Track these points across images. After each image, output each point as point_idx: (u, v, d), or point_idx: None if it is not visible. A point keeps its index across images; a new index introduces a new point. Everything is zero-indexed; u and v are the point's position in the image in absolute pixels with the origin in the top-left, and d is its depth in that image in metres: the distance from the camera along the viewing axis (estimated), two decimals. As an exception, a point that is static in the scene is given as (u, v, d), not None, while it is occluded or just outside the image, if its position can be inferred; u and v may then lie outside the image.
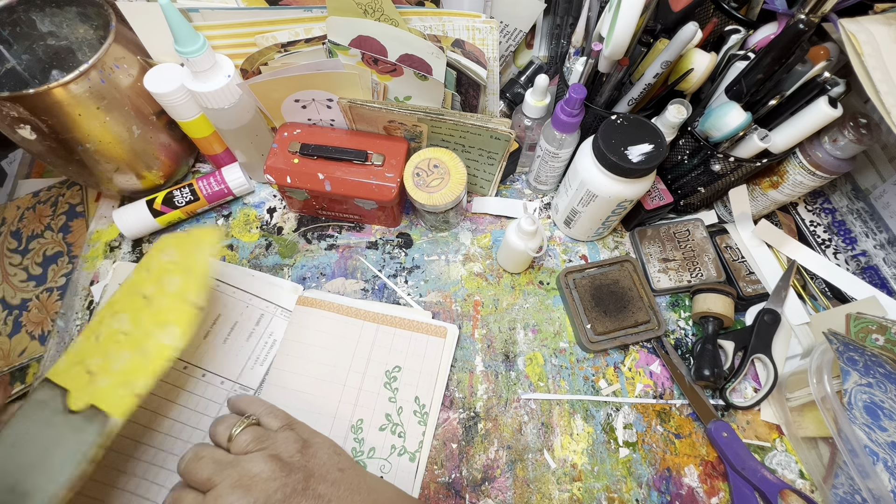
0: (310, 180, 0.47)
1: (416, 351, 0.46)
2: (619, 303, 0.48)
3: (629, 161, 0.40)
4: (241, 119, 0.47)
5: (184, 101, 0.46)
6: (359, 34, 0.43)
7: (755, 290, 0.49)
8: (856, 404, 0.38)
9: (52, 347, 0.47)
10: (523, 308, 0.50)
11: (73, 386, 0.34)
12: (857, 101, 0.46)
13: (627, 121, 0.42)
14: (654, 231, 0.53)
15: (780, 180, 0.47)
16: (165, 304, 0.37)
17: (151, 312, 0.37)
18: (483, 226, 0.55)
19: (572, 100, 0.43)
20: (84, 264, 0.52)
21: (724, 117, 0.41)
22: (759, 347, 0.46)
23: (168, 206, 0.51)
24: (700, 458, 0.44)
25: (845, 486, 0.39)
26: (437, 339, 0.47)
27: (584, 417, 0.45)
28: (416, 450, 0.42)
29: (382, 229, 0.55)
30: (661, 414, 0.46)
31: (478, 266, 0.53)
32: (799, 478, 0.43)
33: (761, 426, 0.45)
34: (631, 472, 0.43)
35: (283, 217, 0.55)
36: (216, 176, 0.53)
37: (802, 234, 0.53)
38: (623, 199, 0.44)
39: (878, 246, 0.49)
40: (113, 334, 0.36)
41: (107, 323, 0.37)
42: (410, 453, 0.42)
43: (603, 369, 0.47)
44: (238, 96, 0.45)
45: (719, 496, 0.42)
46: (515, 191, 0.57)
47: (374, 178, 0.47)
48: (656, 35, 0.42)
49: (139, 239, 0.53)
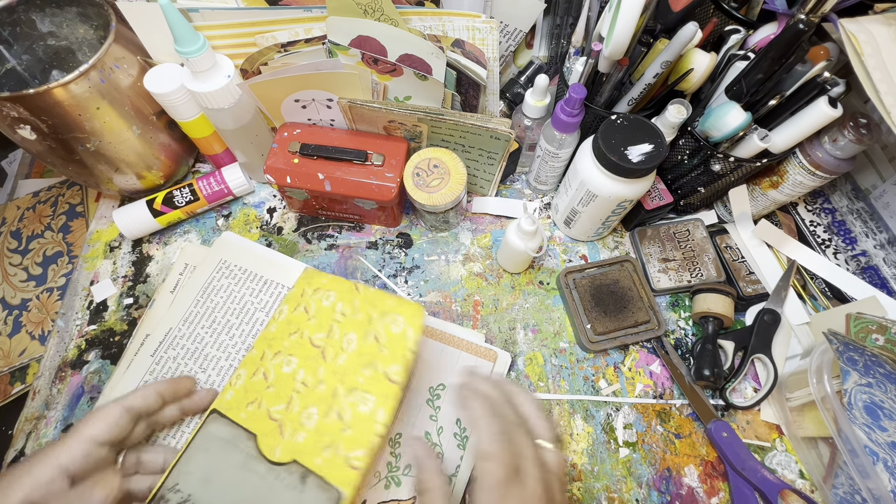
0: (310, 180, 0.47)
1: (463, 372, 0.43)
2: (619, 303, 0.48)
3: (629, 161, 0.40)
4: (241, 119, 0.47)
5: (184, 101, 0.46)
6: (359, 34, 0.43)
7: (755, 290, 0.49)
8: (856, 404, 0.38)
9: (52, 347, 0.47)
10: (523, 308, 0.50)
11: (260, 431, 0.34)
12: (857, 101, 0.46)
13: (627, 121, 0.42)
14: (654, 231, 0.53)
15: (780, 180, 0.47)
16: (349, 366, 0.36)
17: (333, 371, 0.36)
18: (483, 226, 0.55)
19: (572, 100, 0.43)
20: (84, 264, 0.52)
21: (724, 117, 0.41)
22: (759, 347, 0.46)
23: (168, 206, 0.51)
24: (700, 458, 0.44)
25: (845, 486, 0.39)
26: (486, 363, 0.45)
27: (584, 417, 0.45)
28: (451, 474, 0.41)
29: (382, 229, 0.55)
30: (661, 414, 0.46)
31: (478, 266, 0.53)
32: (799, 478, 0.43)
33: (761, 426, 0.45)
34: (631, 472, 0.43)
35: (283, 217, 0.55)
36: (216, 176, 0.53)
37: (802, 233, 0.53)
38: (623, 199, 0.44)
39: (878, 246, 0.49)
40: (287, 380, 0.36)
41: (274, 363, 0.37)
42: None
43: (603, 369, 0.47)
44: (238, 96, 0.45)
45: (719, 496, 0.42)
46: (515, 191, 0.57)
47: (374, 178, 0.47)
48: (656, 35, 0.42)
49: (139, 239, 0.53)
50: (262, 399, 0.35)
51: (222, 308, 0.46)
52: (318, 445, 0.33)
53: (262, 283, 0.47)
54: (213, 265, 0.48)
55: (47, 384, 0.45)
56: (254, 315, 0.46)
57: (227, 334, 0.45)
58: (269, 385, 0.36)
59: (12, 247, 0.59)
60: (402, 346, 0.36)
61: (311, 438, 0.34)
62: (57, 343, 0.48)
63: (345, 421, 0.34)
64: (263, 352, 0.37)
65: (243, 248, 0.49)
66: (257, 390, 0.36)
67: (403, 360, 0.36)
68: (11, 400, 0.51)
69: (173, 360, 0.44)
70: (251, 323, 0.46)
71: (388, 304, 0.38)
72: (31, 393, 0.45)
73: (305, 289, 0.40)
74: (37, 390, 0.45)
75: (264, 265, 0.48)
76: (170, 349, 0.44)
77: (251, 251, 0.49)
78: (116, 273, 0.51)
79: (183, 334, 0.45)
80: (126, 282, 0.51)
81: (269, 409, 0.35)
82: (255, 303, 0.47)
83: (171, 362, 0.44)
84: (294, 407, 0.35)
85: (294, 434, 0.34)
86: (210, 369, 0.44)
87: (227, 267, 0.48)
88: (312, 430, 0.34)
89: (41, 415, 0.44)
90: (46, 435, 0.43)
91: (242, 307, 0.46)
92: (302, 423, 0.34)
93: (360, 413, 0.34)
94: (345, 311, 0.38)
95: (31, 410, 0.44)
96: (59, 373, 0.46)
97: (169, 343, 0.45)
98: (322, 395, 0.35)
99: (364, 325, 0.37)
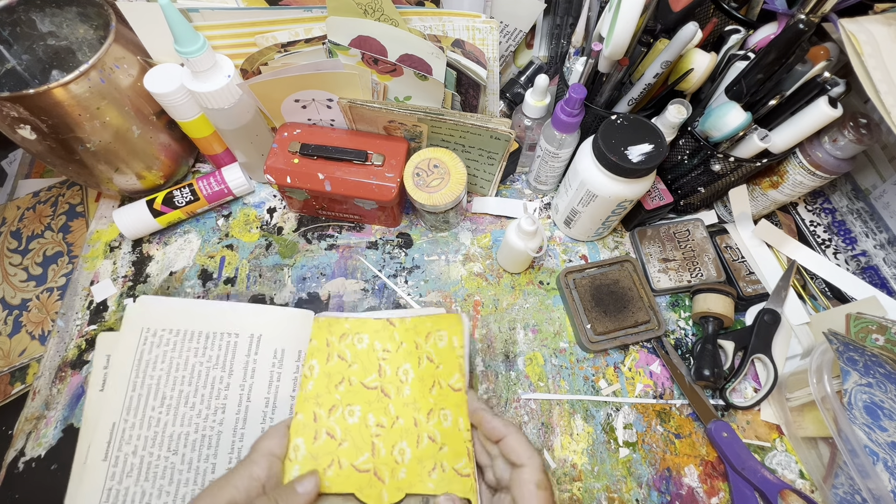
0: (310, 180, 0.47)
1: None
2: (619, 303, 0.48)
3: (629, 161, 0.40)
4: (241, 119, 0.47)
5: (184, 102, 0.46)
6: (359, 34, 0.43)
7: (755, 290, 0.49)
8: (856, 404, 0.38)
9: (52, 347, 0.47)
10: (523, 308, 0.50)
11: (355, 488, 0.34)
12: (857, 101, 0.46)
13: (627, 121, 0.42)
14: (654, 231, 0.53)
15: (780, 180, 0.47)
16: (417, 393, 0.38)
17: (403, 403, 0.37)
18: (483, 226, 0.55)
19: (572, 100, 0.43)
20: (84, 264, 0.52)
21: (724, 117, 0.41)
22: (759, 347, 0.46)
23: (168, 206, 0.51)
24: (700, 458, 0.44)
25: (845, 486, 0.39)
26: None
27: (584, 417, 0.45)
28: None
29: (382, 229, 0.55)
30: (661, 414, 0.46)
31: (478, 266, 0.53)
32: (799, 478, 0.43)
33: (761, 426, 0.45)
34: (631, 472, 0.43)
35: (284, 217, 0.55)
36: (216, 176, 0.53)
37: (802, 233, 0.53)
38: (623, 199, 0.44)
39: (878, 246, 0.49)
40: (360, 430, 0.36)
41: (335, 419, 0.36)
42: None
43: (603, 369, 0.47)
44: (238, 96, 0.45)
45: (719, 496, 0.42)
46: (515, 191, 0.57)
47: (375, 178, 0.47)
48: (656, 35, 0.42)
49: (139, 239, 0.53)
50: (339, 458, 0.35)
51: (168, 380, 0.42)
52: (423, 472, 0.35)
53: (203, 338, 0.44)
54: (134, 339, 0.43)
55: (47, 384, 0.45)
56: (209, 374, 0.43)
57: (186, 405, 0.42)
58: (342, 441, 0.36)
59: (12, 247, 0.59)
60: (453, 355, 0.39)
61: (414, 469, 0.35)
62: (57, 343, 0.48)
63: (437, 441, 0.36)
64: (314, 412, 0.37)
65: (165, 307, 0.44)
66: (329, 452, 0.35)
67: (458, 367, 0.38)
68: (11, 400, 0.51)
69: (133, 454, 0.40)
70: (209, 385, 0.42)
71: (429, 325, 0.40)
72: (31, 393, 0.45)
73: (329, 338, 0.40)
74: (37, 390, 0.45)
75: (196, 319, 0.44)
76: (123, 445, 0.40)
77: (174, 308, 0.44)
78: (116, 273, 0.51)
79: (132, 424, 0.41)
80: (126, 282, 0.51)
81: (352, 463, 0.35)
82: (204, 362, 0.43)
83: (132, 457, 0.40)
84: (381, 451, 0.36)
85: (394, 474, 0.35)
86: (182, 448, 0.40)
87: (154, 335, 0.43)
88: (412, 462, 0.35)
89: (41, 415, 0.44)
90: (46, 435, 0.43)
91: (191, 371, 0.43)
92: (397, 461, 0.35)
93: (446, 429, 0.36)
94: (386, 347, 0.40)
95: (32, 410, 0.44)
96: (60, 373, 0.46)
97: (119, 440, 0.40)
98: (405, 428, 0.36)
99: (414, 354, 0.39)
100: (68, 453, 0.42)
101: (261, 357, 0.44)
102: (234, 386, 0.43)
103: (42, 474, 0.42)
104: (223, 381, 0.43)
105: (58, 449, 0.43)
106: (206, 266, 0.52)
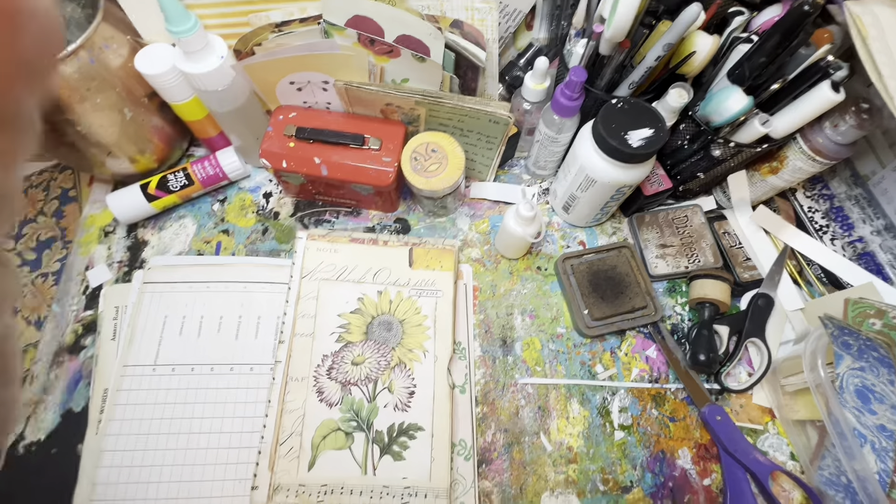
0: (306, 164, 0.46)
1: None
2: (617, 288, 0.48)
3: (629, 146, 0.40)
4: (236, 101, 0.46)
5: (176, 83, 0.45)
6: (355, 14, 0.42)
7: (752, 276, 0.49)
8: (847, 388, 0.38)
9: (49, 332, 0.47)
10: (521, 294, 0.50)
11: None
12: (859, 85, 0.46)
13: (628, 105, 0.42)
14: (652, 217, 0.53)
15: (779, 166, 0.47)
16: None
17: None
18: (481, 211, 0.55)
19: (572, 83, 0.42)
20: (79, 249, 0.51)
21: (726, 101, 0.41)
22: (753, 331, 0.46)
23: (162, 190, 0.50)
24: (694, 440, 0.45)
25: (831, 467, 0.40)
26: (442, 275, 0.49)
27: (581, 401, 0.46)
28: (463, 383, 0.45)
29: (380, 214, 0.54)
30: (657, 398, 0.46)
31: (476, 252, 0.52)
32: (790, 459, 0.44)
33: (754, 409, 0.46)
34: (626, 454, 0.44)
35: (280, 202, 0.54)
36: (211, 160, 0.52)
37: (800, 219, 0.53)
38: (622, 185, 0.44)
39: (875, 232, 0.49)
40: None
41: None
42: (460, 386, 0.46)
43: (599, 354, 0.48)
44: (231, 78, 0.44)
45: (711, 477, 0.43)
46: (514, 176, 0.57)
47: (372, 163, 0.46)
48: (658, 17, 0.42)
49: (134, 224, 0.52)
50: None
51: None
52: None
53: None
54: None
55: (45, 369, 0.45)
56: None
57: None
58: None
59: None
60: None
61: None
62: (53, 328, 0.47)
63: None
64: None
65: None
66: None
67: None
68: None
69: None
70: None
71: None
72: (28, 378, 0.45)
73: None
74: (34, 375, 0.45)
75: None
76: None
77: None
78: (112, 258, 0.51)
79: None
80: (122, 267, 0.50)
81: None
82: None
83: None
84: None
85: None
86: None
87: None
88: None
89: (40, 399, 0.44)
90: (46, 420, 0.43)
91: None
92: None
93: None
94: None
95: (30, 395, 0.44)
96: (57, 357, 0.46)
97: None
98: None
99: None
100: (68, 438, 0.42)
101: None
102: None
103: (43, 458, 0.42)
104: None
105: (57, 433, 0.43)
106: (202, 251, 0.51)
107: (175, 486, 0.39)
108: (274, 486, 0.39)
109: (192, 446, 0.41)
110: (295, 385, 0.43)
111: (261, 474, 0.39)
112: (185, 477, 0.40)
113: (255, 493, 0.39)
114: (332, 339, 0.45)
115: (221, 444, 0.41)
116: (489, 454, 0.43)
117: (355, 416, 0.42)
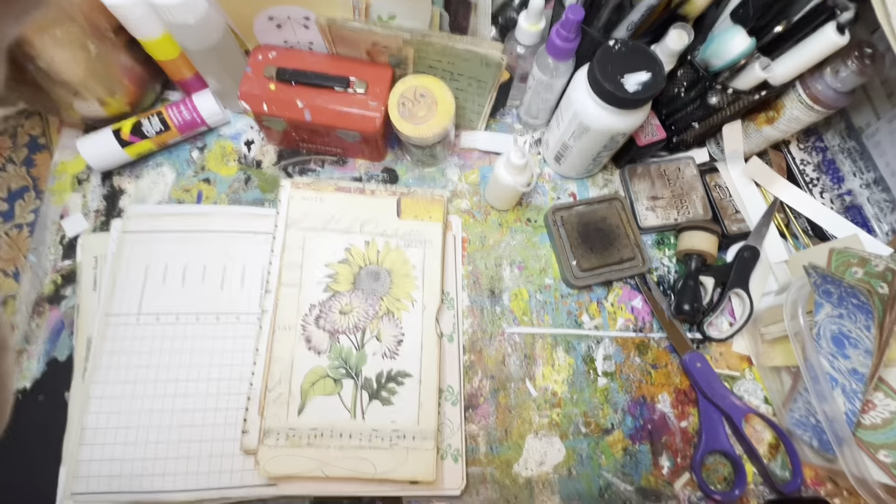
0: (288, 108, 0.44)
1: None
2: (606, 240, 0.48)
3: (625, 90, 0.39)
4: (210, 38, 0.43)
5: (143, 15, 0.41)
6: (336, -61, 0.39)
7: (740, 229, 0.50)
8: (824, 335, 0.39)
9: (27, 283, 0.46)
10: (510, 245, 0.50)
11: None
12: (863, 31, 0.44)
13: (626, 47, 0.40)
14: (644, 169, 0.52)
15: (776, 115, 0.46)
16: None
17: None
18: (471, 161, 0.53)
19: (569, 21, 0.40)
20: (52, 198, 0.49)
21: (729, 42, 0.39)
22: (737, 282, 0.47)
23: (137, 135, 0.48)
24: (674, 386, 0.46)
25: (802, 409, 0.42)
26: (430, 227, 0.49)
27: (566, 350, 0.47)
28: (451, 332, 0.46)
29: (367, 164, 0.52)
30: (640, 346, 0.47)
31: (465, 203, 0.52)
32: (763, 403, 0.46)
33: (733, 357, 0.47)
34: (608, 399, 0.45)
35: (262, 150, 0.52)
36: (187, 103, 0.49)
37: (792, 172, 0.53)
38: (616, 132, 0.43)
39: (864, 185, 0.49)
40: None
41: None
42: (448, 335, 0.46)
43: (586, 304, 0.48)
44: (204, 10, 0.40)
45: (689, 420, 0.45)
46: (505, 125, 0.55)
47: (357, 107, 0.44)
48: (662, -51, 0.39)
49: (109, 172, 0.50)
50: None
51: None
52: None
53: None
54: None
55: (25, 319, 0.45)
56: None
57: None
58: None
59: (-28, 179, 0.55)
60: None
61: None
62: (31, 279, 0.46)
63: None
64: None
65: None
66: None
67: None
68: None
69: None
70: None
71: None
72: (10, 327, 0.44)
73: None
74: (15, 325, 0.44)
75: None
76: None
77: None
78: (87, 207, 0.49)
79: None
80: (99, 216, 0.48)
81: None
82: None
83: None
84: None
85: None
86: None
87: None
88: None
89: (22, 348, 0.44)
90: (30, 368, 0.43)
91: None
92: None
93: None
94: None
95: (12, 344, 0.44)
96: (37, 307, 0.45)
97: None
98: None
99: None
100: (55, 385, 0.42)
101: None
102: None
103: (30, 405, 0.42)
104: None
105: (43, 381, 0.43)
106: (182, 200, 0.49)
107: (165, 430, 0.40)
108: (264, 430, 0.39)
109: (181, 393, 0.41)
110: (282, 334, 0.42)
111: (251, 419, 0.40)
112: (176, 422, 0.40)
113: (246, 437, 0.40)
114: (320, 288, 0.44)
115: (210, 391, 0.41)
116: (476, 399, 0.45)
117: (344, 363, 0.42)
